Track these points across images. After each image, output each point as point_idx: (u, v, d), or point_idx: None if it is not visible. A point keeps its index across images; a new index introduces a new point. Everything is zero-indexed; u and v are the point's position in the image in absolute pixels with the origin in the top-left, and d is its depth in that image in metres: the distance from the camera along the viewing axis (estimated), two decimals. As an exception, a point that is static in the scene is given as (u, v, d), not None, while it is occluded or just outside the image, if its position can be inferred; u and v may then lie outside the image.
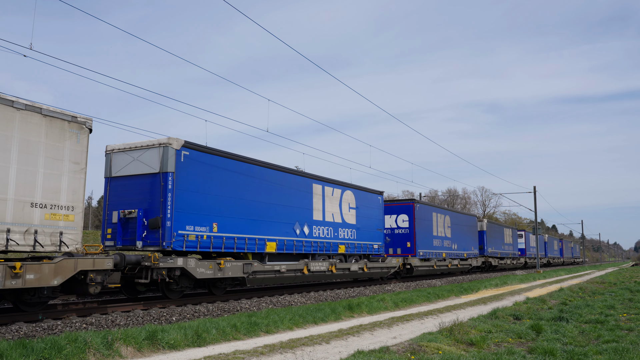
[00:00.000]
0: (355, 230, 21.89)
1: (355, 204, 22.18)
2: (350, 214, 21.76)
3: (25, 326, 9.45)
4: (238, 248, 15.34)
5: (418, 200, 28.28)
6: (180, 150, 13.71)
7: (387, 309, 14.45)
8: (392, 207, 27.99)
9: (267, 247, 16.55)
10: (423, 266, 27.77)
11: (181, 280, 13.92)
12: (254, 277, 15.67)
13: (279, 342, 8.40)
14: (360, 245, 22.11)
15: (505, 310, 13.04)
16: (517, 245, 51.28)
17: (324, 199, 20.06)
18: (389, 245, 27.33)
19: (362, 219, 22.51)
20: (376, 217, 23.83)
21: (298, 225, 18.26)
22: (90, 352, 7.04)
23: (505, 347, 8.30)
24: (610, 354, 7.55)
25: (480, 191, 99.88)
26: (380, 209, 24.29)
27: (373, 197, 23.91)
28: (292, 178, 18.29)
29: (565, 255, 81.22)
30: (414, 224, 27.25)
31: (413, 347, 7.96)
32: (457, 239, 33.51)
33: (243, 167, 15.99)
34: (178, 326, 8.80)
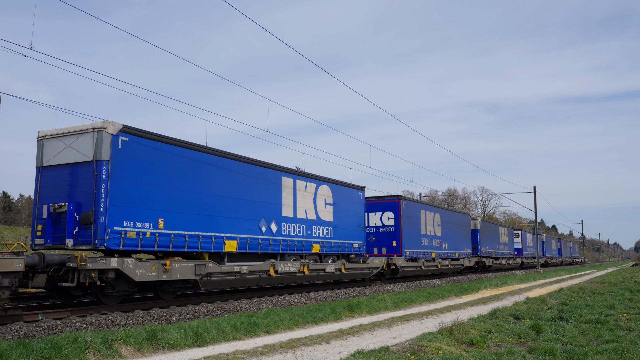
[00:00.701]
0: (332, 228, 20.29)
1: (333, 200, 20.55)
2: (327, 210, 20.14)
3: (25, 326, 9.45)
4: (190, 247, 13.82)
5: (404, 197, 26.52)
6: (118, 136, 12.14)
7: (387, 309, 14.45)
8: (376, 204, 26.36)
9: (225, 246, 14.97)
10: (409, 267, 26.14)
11: (118, 284, 12.31)
12: (208, 280, 14.10)
13: (279, 342, 8.41)
14: (337, 245, 20.53)
15: (505, 310, 13.04)
16: (513, 244, 49.90)
17: (296, 194, 18.43)
18: (373, 245, 25.86)
19: (340, 216, 20.94)
20: (356, 214, 22.19)
21: (264, 222, 16.64)
22: (90, 352, 7.04)
23: (505, 347, 8.30)
24: (610, 354, 7.55)
25: (480, 191, 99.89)
26: (361, 206, 22.67)
27: (353, 192, 22.27)
28: (257, 170, 16.61)
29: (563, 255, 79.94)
30: (400, 222, 25.57)
31: (413, 347, 7.96)
32: (448, 238, 31.95)
33: (197, 157, 14.31)
34: (178, 326, 8.80)
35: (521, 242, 53.28)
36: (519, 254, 52.50)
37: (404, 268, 25.43)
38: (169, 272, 12.97)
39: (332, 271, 19.55)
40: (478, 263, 38.94)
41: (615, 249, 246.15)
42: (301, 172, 19.07)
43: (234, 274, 15.05)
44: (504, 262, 45.46)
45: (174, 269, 13.13)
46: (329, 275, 19.71)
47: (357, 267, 21.52)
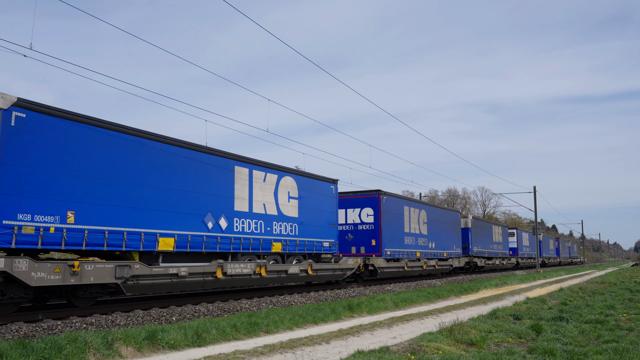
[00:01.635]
0: (298, 224, 18.29)
1: (298, 194, 18.57)
2: (291, 205, 18.11)
3: (25, 326, 9.45)
4: (112, 245, 11.85)
5: (385, 192, 24.42)
6: (10, 111, 10.22)
7: (387, 309, 14.45)
8: (355, 200, 24.41)
9: (159, 244, 13.05)
10: (390, 267, 24.23)
11: (9, 290, 10.32)
12: (135, 284, 12.22)
13: (279, 342, 8.41)
14: (303, 243, 18.50)
15: (505, 310, 13.04)
16: (507, 244, 47.74)
17: (252, 186, 16.45)
18: (351, 244, 24.06)
19: (308, 212, 18.97)
20: (327, 209, 20.22)
21: (211, 217, 14.76)
22: (90, 352, 7.04)
23: (505, 347, 8.30)
24: (610, 354, 7.55)
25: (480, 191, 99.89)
26: (333, 200, 20.68)
27: (324, 185, 20.19)
28: (203, 158, 14.68)
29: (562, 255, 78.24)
30: (380, 219, 23.64)
31: (413, 347, 7.96)
32: (435, 237, 30.09)
33: (122, 139, 12.35)
34: (178, 326, 8.80)
35: (517, 241, 51.62)
36: (514, 254, 50.92)
37: (384, 269, 23.65)
38: (79, 275, 10.94)
39: (296, 273, 17.58)
40: (469, 263, 37.18)
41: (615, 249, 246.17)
42: (259, 162, 16.99)
43: (170, 277, 13.11)
44: (497, 263, 43.62)
45: (86, 271, 11.09)
46: (293, 278, 17.76)
47: (328, 268, 19.60)
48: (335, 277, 20.68)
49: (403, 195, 26.85)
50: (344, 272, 20.95)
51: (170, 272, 13.10)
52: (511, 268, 50.62)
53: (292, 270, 17.50)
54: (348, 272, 21.15)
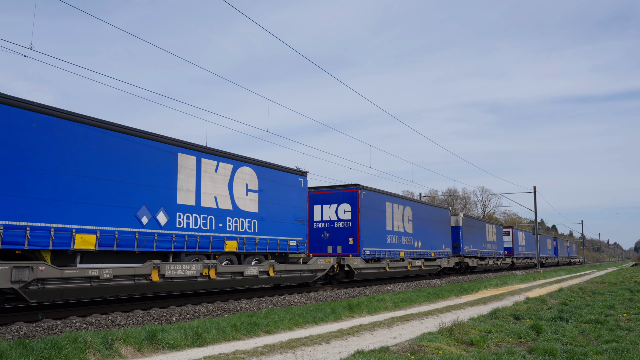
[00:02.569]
0: (257, 221, 16.49)
1: (259, 186, 16.74)
2: (249, 198, 16.29)
3: (25, 326, 9.46)
4: (9, 243, 10.12)
5: (364, 186, 22.66)
6: None
7: (387, 309, 14.45)
8: (331, 195, 22.61)
9: (76, 242, 11.27)
10: (369, 268, 22.46)
11: None
12: (41, 289, 10.39)
13: (279, 342, 8.41)
14: (264, 241, 16.68)
15: (505, 310, 13.04)
16: (502, 243, 45.65)
17: (200, 176, 14.63)
18: (327, 242, 22.37)
19: (270, 206, 17.18)
20: (294, 204, 18.38)
21: (146, 210, 12.95)
22: (90, 352, 7.04)
23: (505, 347, 8.30)
24: (610, 354, 7.56)
25: (480, 191, 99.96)
26: (301, 194, 18.84)
27: (290, 178, 18.37)
28: (134, 142, 12.81)
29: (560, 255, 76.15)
30: (358, 216, 21.94)
31: (413, 347, 7.97)
32: (421, 236, 28.30)
33: (23, 118, 10.51)
34: (178, 326, 8.80)
35: (512, 240, 49.79)
36: (509, 254, 48.98)
37: (361, 270, 21.82)
38: None
39: (254, 275, 15.72)
40: (459, 264, 35.19)
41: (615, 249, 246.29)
42: (210, 149, 15.17)
43: (89, 280, 11.29)
44: (491, 263, 41.57)
45: None
46: (251, 280, 15.90)
47: (294, 269, 17.76)
48: (304, 279, 18.64)
49: (385, 191, 24.82)
50: (314, 273, 18.89)
51: (88, 275, 11.21)
52: (506, 268, 49.01)
53: (250, 271, 15.58)
54: (319, 273, 19.18)
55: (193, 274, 13.73)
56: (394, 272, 24.96)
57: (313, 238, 22.52)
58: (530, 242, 56.92)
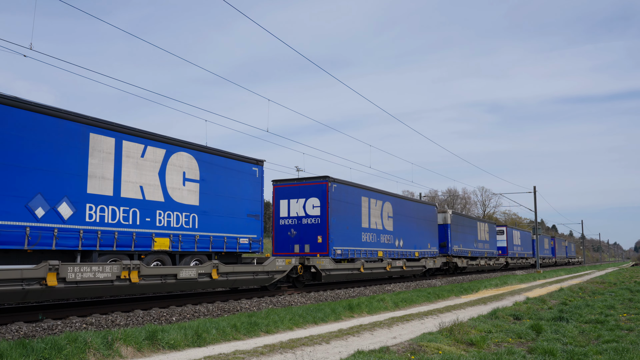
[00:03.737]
0: (198, 215, 14.49)
1: (200, 175, 14.71)
2: (188, 189, 14.26)
3: (25, 326, 9.45)
4: None
5: (335, 179, 20.53)
6: None
7: (387, 309, 14.45)
8: (299, 189, 20.53)
9: None
10: (340, 269, 20.09)
11: None
12: None
13: (279, 342, 8.41)
14: (207, 239, 14.69)
15: (505, 310, 13.04)
16: (495, 242, 43.45)
17: (121, 162, 12.52)
18: (294, 241, 20.31)
19: (215, 199, 15.13)
20: (247, 196, 16.27)
21: (42, 200, 10.86)
22: (90, 352, 7.04)
23: (505, 347, 8.30)
24: (610, 354, 7.55)
25: (480, 191, 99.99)
26: (256, 186, 16.74)
27: (242, 167, 16.23)
28: (26, 118, 10.68)
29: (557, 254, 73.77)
30: (328, 211, 19.84)
31: (413, 347, 7.97)
32: (403, 234, 26.02)
33: None
34: (178, 326, 8.81)
35: (506, 239, 47.51)
36: (503, 253, 46.76)
37: (330, 271, 19.44)
38: None
39: (191, 277, 13.43)
40: (447, 264, 32.98)
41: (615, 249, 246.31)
42: (135, 130, 12.98)
43: None
44: (483, 263, 39.11)
45: None
46: (188, 284, 13.54)
47: (245, 271, 15.38)
48: (259, 283, 16.26)
49: (360, 184, 22.69)
50: (271, 275, 16.54)
51: None
52: (500, 269, 46.91)
53: (186, 274, 13.29)
54: (277, 275, 16.82)
55: (107, 277, 11.33)
56: (371, 273, 22.59)
57: (279, 236, 20.62)
58: (526, 242, 55.39)
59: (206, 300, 14.88)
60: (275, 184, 20.91)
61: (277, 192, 20.91)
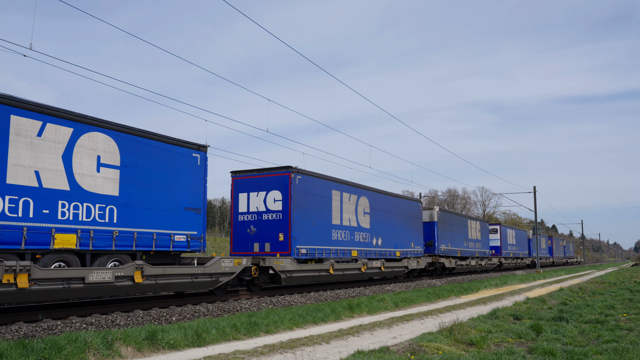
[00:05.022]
0: (118, 207, 12.41)
1: (121, 160, 12.63)
2: (104, 176, 12.21)
3: (25, 326, 9.46)
4: None
5: (299, 169, 18.48)
6: None
7: (387, 309, 14.46)
8: (259, 180, 18.53)
9: None
10: (304, 271, 18.06)
11: None
12: None
13: (279, 342, 8.41)
14: (130, 236, 12.62)
15: (505, 310, 13.05)
16: (488, 242, 41.46)
17: (7, 141, 10.52)
18: (254, 239, 18.32)
19: (142, 189, 13.08)
20: (185, 187, 14.25)
21: None
22: (90, 352, 7.04)
23: (505, 347, 8.30)
24: (610, 354, 7.56)
25: (480, 191, 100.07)
26: (197, 175, 14.65)
27: (179, 152, 14.12)
28: None
29: (555, 254, 71.64)
30: (290, 206, 17.82)
31: (413, 347, 7.97)
32: (382, 232, 23.99)
33: None
34: (178, 326, 8.81)
35: (500, 238, 45.70)
36: (497, 253, 44.90)
37: (292, 273, 17.42)
38: None
39: (106, 281, 11.32)
40: (434, 265, 31.09)
41: (615, 249, 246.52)
42: (30, 104, 10.96)
43: None
44: (474, 263, 37.03)
45: None
46: (102, 289, 11.37)
47: (179, 273, 13.24)
48: (199, 286, 14.19)
49: (331, 176, 20.57)
50: (215, 278, 14.45)
51: None
52: (493, 269, 44.90)
53: (97, 277, 11.19)
54: (223, 278, 14.77)
55: None
56: (342, 275, 20.67)
57: (237, 234, 18.73)
58: (522, 241, 53.83)
59: (206, 300, 14.89)
60: (234, 176, 19.02)
61: (235, 185, 18.98)
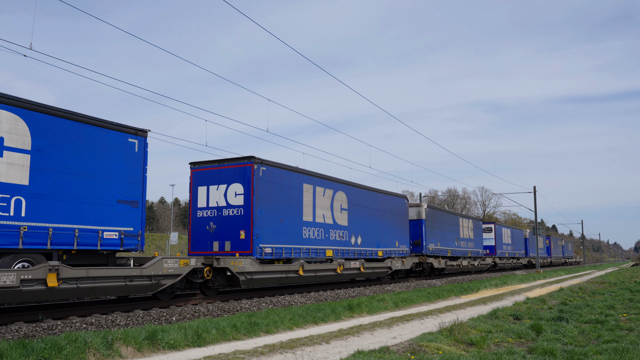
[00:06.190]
0: (27, 198, 10.73)
1: (32, 143, 10.92)
2: (8, 161, 10.51)
3: (25, 326, 9.46)
4: None
5: (263, 160, 16.73)
6: None
7: (387, 309, 14.46)
8: (219, 172, 16.84)
9: None
10: (267, 272, 16.32)
11: None
12: None
13: (279, 342, 8.41)
14: (44, 232, 10.90)
15: (505, 310, 13.05)
16: (481, 241, 39.84)
17: None
18: (213, 237, 16.63)
19: (60, 177, 11.32)
20: (118, 176, 12.49)
21: None
22: (90, 352, 7.04)
23: (505, 347, 8.30)
24: (610, 354, 7.56)
25: (480, 191, 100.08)
26: (134, 163, 12.87)
27: (108, 136, 12.34)
28: None
29: (553, 254, 70.14)
30: (253, 200, 16.10)
31: (413, 347, 7.97)
32: (362, 229, 22.25)
33: None
34: (178, 326, 8.81)
35: (494, 238, 44.03)
36: (491, 253, 43.29)
37: (254, 275, 15.69)
38: None
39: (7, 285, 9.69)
40: (421, 265, 29.40)
41: (615, 249, 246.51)
42: None
43: None
44: (465, 264, 35.43)
45: None
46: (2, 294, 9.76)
47: (108, 275, 11.61)
48: (135, 290, 12.46)
49: (301, 169, 18.89)
50: (156, 281, 12.79)
51: None
52: (486, 270, 43.21)
53: None
54: (166, 280, 13.10)
55: None
56: (314, 276, 18.96)
57: (196, 232, 17.08)
58: (518, 240, 52.68)
59: (206, 300, 14.89)
60: (193, 167, 17.39)
61: (194, 177, 17.35)
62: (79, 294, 11.18)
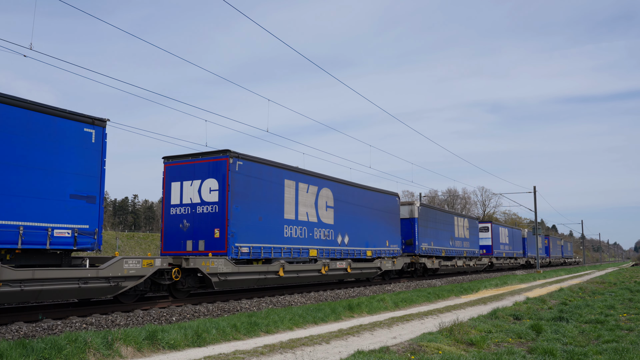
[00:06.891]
0: None
1: None
2: None
3: (25, 326, 9.46)
4: None
5: (239, 154, 15.78)
6: None
7: (387, 309, 14.45)
8: (193, 167, 15.95)
9: None
10: (243, 273, 15.29)
11: None
12: None
13: (279, 342, 8.41)
14: None
15: (505, 310, 13.04)
16: (477, 241, 38.92)
17: None
18: (187, 235, 15.72)
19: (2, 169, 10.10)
20: (72, 169, 11.29)
21: None
22: (90, 352, 7.04)
23: (505, 347, 8.30)
24: (610, 354, 7.56)
25: (480, 191, 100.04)
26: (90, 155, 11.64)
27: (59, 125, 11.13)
28: None
29: (552, 254, 69.01)
30: (228, 196, 15.19)
31: (413, 347, 7.97)
32: (349, 228, 21.35)
33: None
34: (178, 326, 8.81)
35: (491, 237, 42.93)
36: (488, 253, 42.24)
37: (228, 276, 14.68)
38: None
39: None
40: (413, 265, 28.29)
41: (615, 249, 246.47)
42: None
43: None
44: (460, 264, 34.56)
45: None
46: None
47: (59, 277, 10.52)
48: (92, 293, 11.42)
49: (282, 164, 17.81)
50: (115, 283, 11.73)
51: None
52: (483, 270, 42.09)
53: None
54: (127, 283, 12.04)
55: None
56: (296, 277, 17.95)
57: (169, 230, 16.15)
58: (516, 240, 51.87)
59: (206, 300, 14.88)
60: (167, 162, 16.49)
61: (168, 172, 16.44)
62: (23, 297, 10.05)
